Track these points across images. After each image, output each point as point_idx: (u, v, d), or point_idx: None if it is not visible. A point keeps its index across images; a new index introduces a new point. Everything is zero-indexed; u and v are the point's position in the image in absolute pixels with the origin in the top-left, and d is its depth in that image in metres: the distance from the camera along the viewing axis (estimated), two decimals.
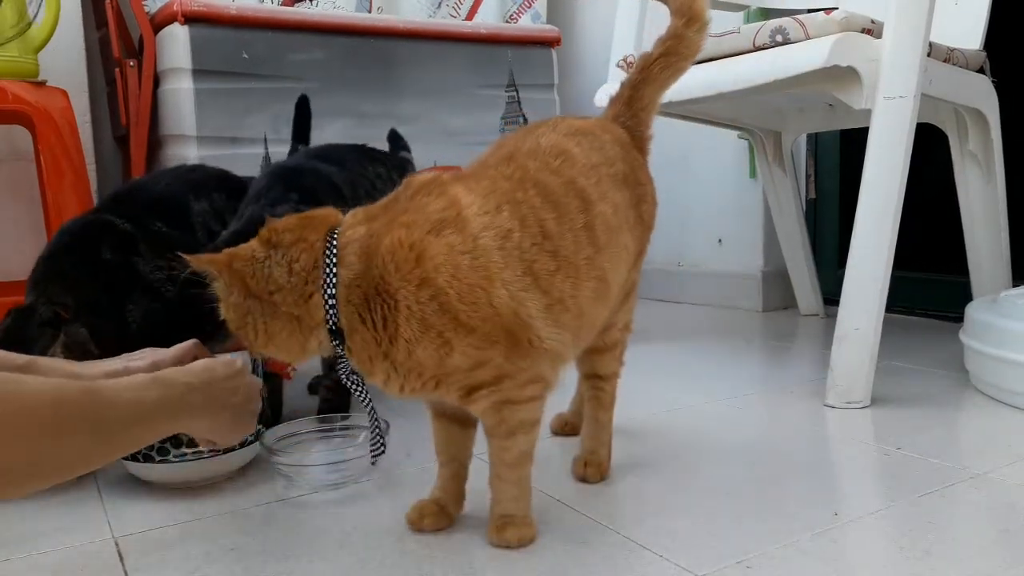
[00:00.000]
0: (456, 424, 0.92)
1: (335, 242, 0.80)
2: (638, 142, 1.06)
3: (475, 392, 0.82)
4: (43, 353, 1.11)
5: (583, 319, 0.88)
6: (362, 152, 1.52)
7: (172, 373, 0.88)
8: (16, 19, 1.64)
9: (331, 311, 0.78)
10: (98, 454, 0.78)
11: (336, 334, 0.80)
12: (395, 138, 1.71)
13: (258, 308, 0.80)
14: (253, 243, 0.82)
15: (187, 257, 0.80)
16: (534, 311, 0.81)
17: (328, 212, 0.84)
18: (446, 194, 0.83)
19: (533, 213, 0.84)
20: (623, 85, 1.07)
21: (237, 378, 0.95)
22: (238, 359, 0.98)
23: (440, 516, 0.93)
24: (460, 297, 0.77)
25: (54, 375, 0.96)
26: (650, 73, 1.04)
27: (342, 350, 0.81)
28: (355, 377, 0.85)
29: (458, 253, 0.78)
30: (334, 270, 0.78)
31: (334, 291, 0.78)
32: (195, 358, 0.99)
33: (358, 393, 0.88)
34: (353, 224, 0.82)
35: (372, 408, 0.91)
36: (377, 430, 0.94)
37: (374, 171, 1.46)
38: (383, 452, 0.96)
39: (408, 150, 1.71)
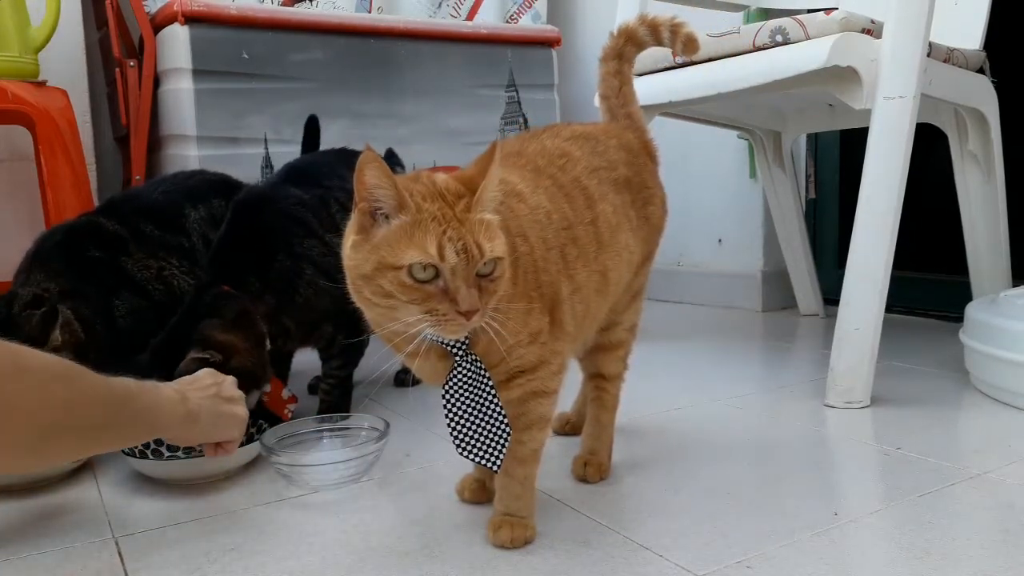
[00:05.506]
0: None
1: None
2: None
3: (516, 378, 0.86)
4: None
5: (588, 311, 0.92)
6: (343, 160, 1.47)
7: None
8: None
9: None
10: (99, 417, 0.80)
11: None
12: (389, 156, 1.70)
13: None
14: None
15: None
16: (565, 294, 0.87)
17: None
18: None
19: (556, 200, 0.89)
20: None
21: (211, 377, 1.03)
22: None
23: (479, 491, 1.00)
24: (543, 258, 0.84)
25: None
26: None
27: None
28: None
29: (531, 221, 0.84)
30: None
31: None
32: None
33: None
34: None
35: None
36: None
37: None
38: None
39: (403, 167, 1.71)
